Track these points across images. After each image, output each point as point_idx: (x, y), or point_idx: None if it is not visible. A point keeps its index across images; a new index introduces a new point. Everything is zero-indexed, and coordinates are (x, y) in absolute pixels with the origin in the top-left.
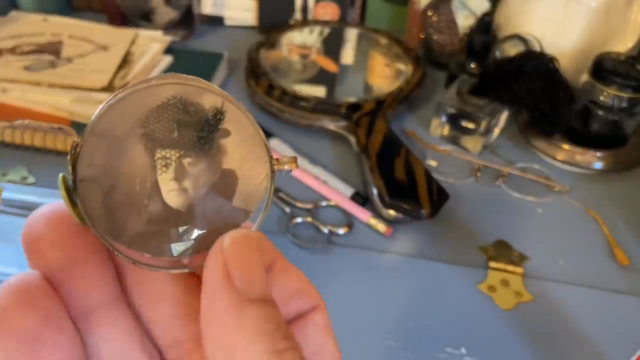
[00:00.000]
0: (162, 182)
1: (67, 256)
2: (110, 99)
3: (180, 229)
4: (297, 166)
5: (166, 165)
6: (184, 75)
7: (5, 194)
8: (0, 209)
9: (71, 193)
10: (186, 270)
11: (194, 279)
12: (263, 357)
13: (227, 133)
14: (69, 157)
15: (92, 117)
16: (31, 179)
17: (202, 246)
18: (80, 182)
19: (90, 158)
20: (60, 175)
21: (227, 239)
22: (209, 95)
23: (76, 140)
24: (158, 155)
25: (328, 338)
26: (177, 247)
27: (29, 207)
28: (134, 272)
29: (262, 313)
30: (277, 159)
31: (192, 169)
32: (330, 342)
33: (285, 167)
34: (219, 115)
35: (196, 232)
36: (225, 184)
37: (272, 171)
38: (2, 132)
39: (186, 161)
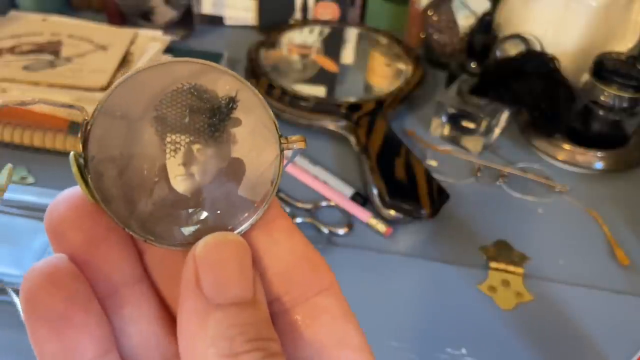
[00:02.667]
0: (170, 167)
1: (88, 236)
2: (122, 78)
3: (187, 213)
4: (306, 145)
5: (175, 150)
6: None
7: (5, 194)
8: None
9: (83, 171)
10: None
11: None
12: None
13: (238, 122)
14: (79, 134)
15: (103, 95)
16: (31, 179)
17: (209, 230)
18: (91, 161)
19: (100, 137)
20: (72, 153)
21: (200, 245)
22: (223, 79)
23: (86, 118)
24: (168, 139)
25: (347, 326)
26: (184, 231)
27: (28, 207)
28: (154, 253)
29: (226, 318)
30: (286, 138)
31: (201, 156)
32: (351, 331)
33: (295, 145)
34: (231, 103)
35: (203, 216)
36: (233, 172)
37: (282, 150)
38: (1, 132)
39: (195, 147)
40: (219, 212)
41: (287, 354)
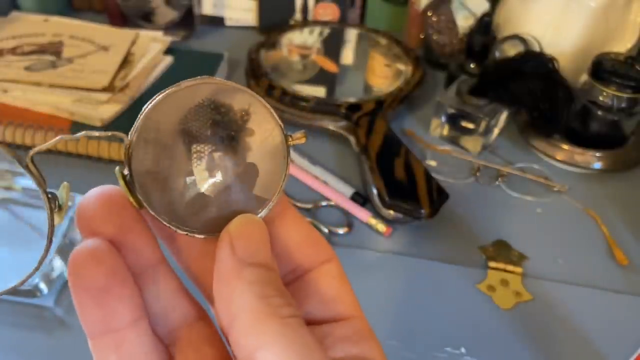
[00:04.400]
0: (196, 172)
1: (118, 228)
2: (150, 103)
3: (213, 209)
4: (306, 139)
5: (200, 158)
6: (215, 77)
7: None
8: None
9: (128, 184)
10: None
11: None
12: (254, 301)
13: (252, 132)
14: (124, 155)
15: (138, 119)
16: None
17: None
18: (134, 175)
19: (138, 154)
20: (117, 168)
21: (233, 222)
22: (238, 95)
23: (127, 141)
24: (194, 149)
25: (344, 286)
26: (212, 222)
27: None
28: (182, 240)
29: (257, 272)
30: (290, 136)
31: (221, 162)
32: (346, 290)
33: (297, 142)
34: (245, 116)
35: (226, 211)
36: (248, 175)
37: (287, 147)
38: (2, 132)
39: (216, 155)
40: (238, 207)
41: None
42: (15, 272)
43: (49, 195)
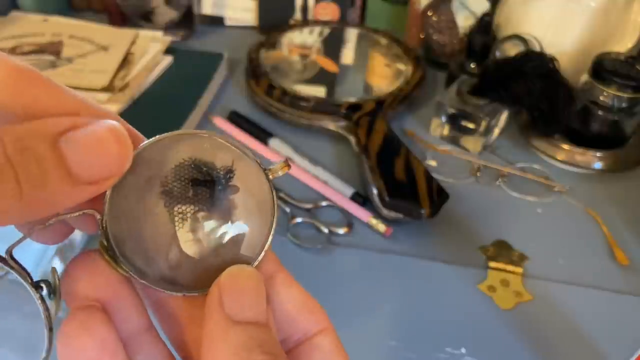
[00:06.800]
0: (179, 234)
1: (104, 294)
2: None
3: (198, 268)
4: (289, 168)
5: (183, 220)
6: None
7: None
8: None
9: (112, 255)
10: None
11: None
12: None
13: (236, 189)
14: (100, 231)
15: (108, 191)
16: None
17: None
18: (116, 246)
19: (116, 226)
20: (99, 242)
21: (223, 275)
22: (221, 151)
23: (99, 217)
24: (176, 210)
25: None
26: (197, 279)
27: None
28: (172, 303)
29: (245, 332)
30: (269, 169)
31: (205, 222)
32: None
33: (279, 173)
34: (229, 174)
35: (213, 266)
36: (234, 234)
37: (269, 180)
38: None
39: (200, 215)
40: (228, 262)
41: None
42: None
43: (38, 285)
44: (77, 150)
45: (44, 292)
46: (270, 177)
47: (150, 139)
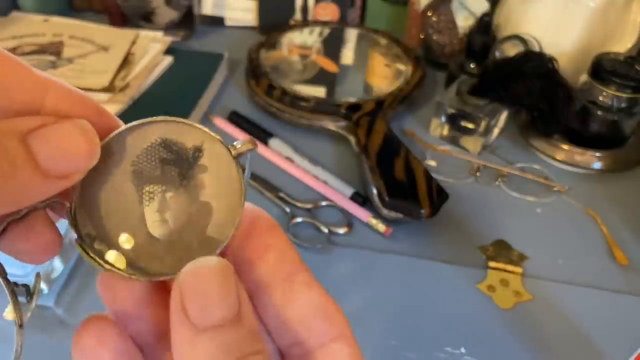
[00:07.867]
0: (147, 214)
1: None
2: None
3: (165, 251)
4: (255, 146)
5: (150, 199)
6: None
7: None
8: None
9: (88, 251)
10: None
11: None
12: None
13: (204, 169)
14: (69, 222)
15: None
16: None
17: (189, 259)
18: (87, 237)
19: (85, 213)
20: (76, 244)
21: (182, 273)
22: (191, 132)
23: (68, 205)
24: (145, 190)
25: None
26: (165, 264)
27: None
28: None
29: (213, 340)
30: (232, 146)
31: (173, 202)
32: None
33: (243, 149)
34: (197, 153)
35: (180, 250)
36: (202, 214)
37: (235, 157)
38: None
39: (168, 195)
40: (190, 250)
41: None
42: None
43: (15, 286)
44: (46, 146)
45: (20, 289)
46: (234, 153)
47: (123, 126)
